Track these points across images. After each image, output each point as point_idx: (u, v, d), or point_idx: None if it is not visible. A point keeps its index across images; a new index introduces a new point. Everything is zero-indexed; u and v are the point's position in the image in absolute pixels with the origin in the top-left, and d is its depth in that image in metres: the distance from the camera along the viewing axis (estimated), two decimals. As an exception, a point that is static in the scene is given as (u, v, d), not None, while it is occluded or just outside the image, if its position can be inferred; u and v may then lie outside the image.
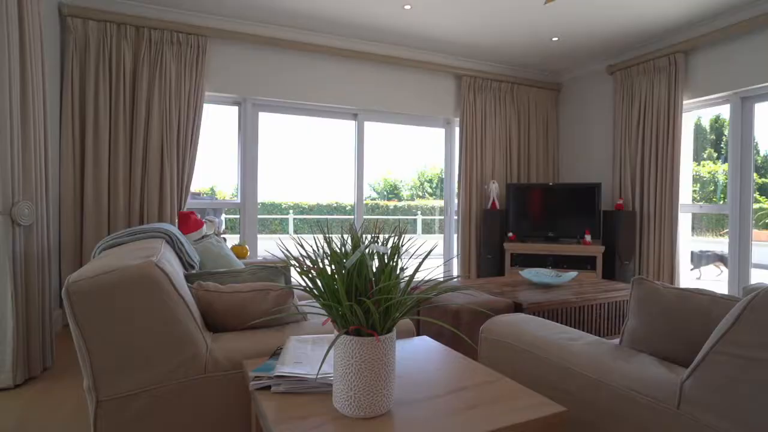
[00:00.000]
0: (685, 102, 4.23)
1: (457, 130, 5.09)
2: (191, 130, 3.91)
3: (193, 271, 2.01)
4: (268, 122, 4.61)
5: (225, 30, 4.02)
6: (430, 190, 12.44)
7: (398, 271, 1.01)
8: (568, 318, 2.74)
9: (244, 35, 4.08)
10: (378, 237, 1.06)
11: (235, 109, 4.39)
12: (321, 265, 0.97)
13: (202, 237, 3.72)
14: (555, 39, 4.45)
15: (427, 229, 10.67)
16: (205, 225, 3.67)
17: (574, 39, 4.43)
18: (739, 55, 3.82)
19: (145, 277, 1.23)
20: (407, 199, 12.30)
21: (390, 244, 1.07)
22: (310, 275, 0.96)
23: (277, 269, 1.77)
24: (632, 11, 3.81)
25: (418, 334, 2.78)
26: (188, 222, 3.52)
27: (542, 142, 5.44)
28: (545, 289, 2.94)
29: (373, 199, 12.24)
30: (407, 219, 10.86)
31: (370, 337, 0.95)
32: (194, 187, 4.19)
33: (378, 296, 0.93)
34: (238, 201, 4.42)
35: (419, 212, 10.84)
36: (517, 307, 2.59)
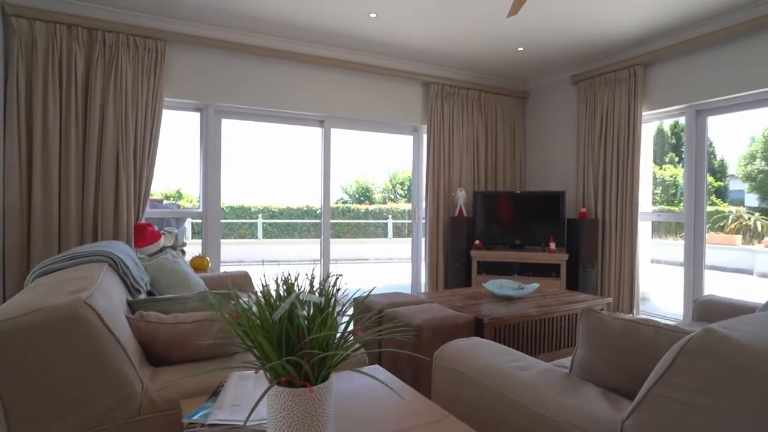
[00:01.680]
0: (644, 113, 4.34)
1: (425, 137, 5.08)
2: (149, 137, 3.76)
3: (140, 297, 1.92)
4: (233, 128, 4.50)
5: (185, 34, 3.89)
6: (402, 193, 12.45)
7: (333, 318, 0.97)
8: (530, 331, 2.76)
9: (206, 40, 3.96)
10: (313, 280, 1.01)
11: (197, 115, 4.26)
12: (251, 315, 0.92)
13: (161, 249, 3.59)
14: (520, 49, 4.50)
15: (398, 232, 10.68)
16: (163, 237, 3.55)
17: (538, 49, 4.49)
18: (693, 69, 3.94)
19: (71, 318, 1.15)
20: (379, 202, 12.27)
21: (333, 282, 1.03)
22: (238, 327, 0.91)
23: (227, 295, 1.70)
24: (594, 24, 3.88)
25: (379, 345, 2.75)
26: (145, 234, 3.39)
27: (509, 149, 5.50)
28: (508, 302, 2.96)
29: (345, 202, 12.15)
30: (378, 222, 10.83)
31: (303, 388, 0.90)
32: (160, 191, 4.07)
33: (309, 349, 0.89)
34: (200, 210, 4.28)
35: (390, 216, 10.84)
36: (478, 322, 2.59)
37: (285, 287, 0.99)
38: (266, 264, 8.88)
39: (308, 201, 10.32)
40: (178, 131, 4.33)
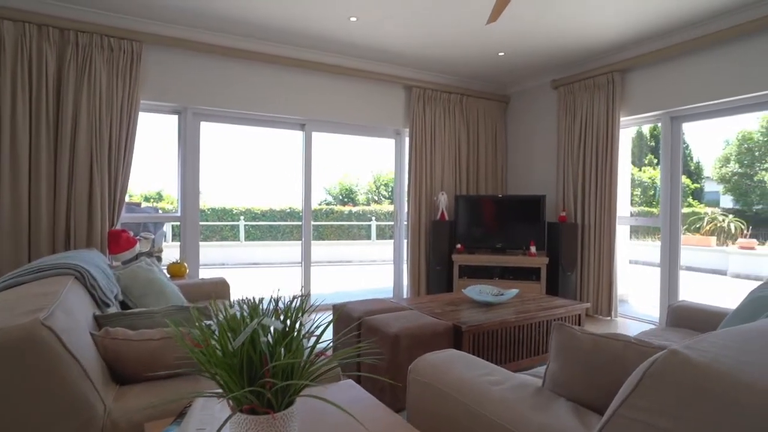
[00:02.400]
0: (622, 118, 4.41)
1: (407, 140, 5.08)
2: (125, 140, 3.68)
3: (108, 311, 1.87)
4: (215, 129, 4.43)
5: (162, 36, 3.81)
6: (386, 194, 12.44)
7: (299, 341, 0.95)
8: (508, 337, 2.78)
9: (184, 42, 3.89)
10: (278, 302, 0.99)
11: (175, 118, 4.18)
12: (212, 341, 0.90)
13: (137, 256, 3.52)
14: (501, 54, 4.52)
15: (382, 234, 10.66)
16: (138, 243, 3.47)
17: (519, 54, 4.52)
18: (669, 77, 4.01)
19: (28, 341, 1.10)
20: (363, 204, 12.22)
21: (297, 304, 1.01)
22: (200, 356, 0.88)
23: (197, 310, 1.66)
24: (573, 31, 3.92)
25: (357, 355, 2.73)
26: (119, 241, 3.32)
27: (491, 153, 5.53)
28: (487, 308, 2.97)
29: (329, 203, 12.07)
30: (362, 225, 10.79)
31: (266, 416, 0.88)
32: (139, 193, 3.98)
33: (273, 374, 0.87)
34: (178, 214, 4.20)
35: (374, 218, 10.81)
36: (457, 330, 2.59)
37: (249, 310, 0.96)
38: (248, 267, 8.78)
39: (291, 203, 10.23)
40: (158, 132, 4.26)
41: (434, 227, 4.88)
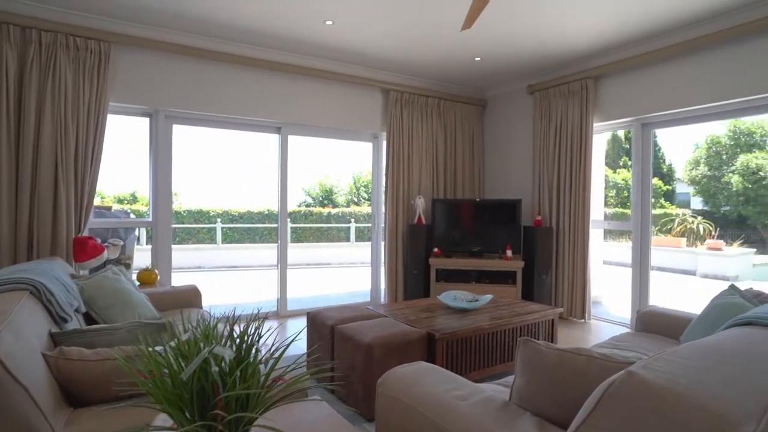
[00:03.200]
0: (595, 124, 4.48)
1: (384, 144, 5.06)
2: (92, 143, 3.56)
3: (68, 326, 1.79)
4: (187, 132, 4.34)
5: (132, 36, 3.71)
6: (366, 196, 12.39)
7: (255, 366, 0.92)
8: (482, 344, 2.79)
9: (155, 43, 3.79)
10: (234, 326, 0.96)
11: (146, 120, 4.07)
12: (163, 371, 0.86)
13: (104, 263, 3.41)
14: (478, 59, 4.55)
15: (361, 236, 10.62)
16: (106, 250, 3.37)
17: (495, 60, 4.55)
18: (640, 84, 4.10)
19: (-33, 367, 1.04)
20: (342, 206, 12.15)
21: (252, 330, 0.98)
22: (151, 388, 0.85)
23: (160, 325, 1.61)
24: (548, 38, 3.97)
25: (332, 356, 2.70)
26: (86, 248, 3.21)
27: (468, 157, 5.56)
28: (461, 315, 2.98)
29: (308, 205, 11.96)
30: (341, 227, 10.72)
31: (218, 447, 0.85)
32: (113, 194, 3.86)
33: (225, 407, 0.84)
34: (150, 218, 4.10)
35: (353, 220, 10.75)
36: (431, 338, 2.58)
37: (203, 335, 0.93)
38: (225, 270, 8.64)
39: (269, 205, 10.11)
40: (132, 132, 4.15)
41: (411, 231, 4.88)
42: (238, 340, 0.95)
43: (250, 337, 0.96)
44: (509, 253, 4.68)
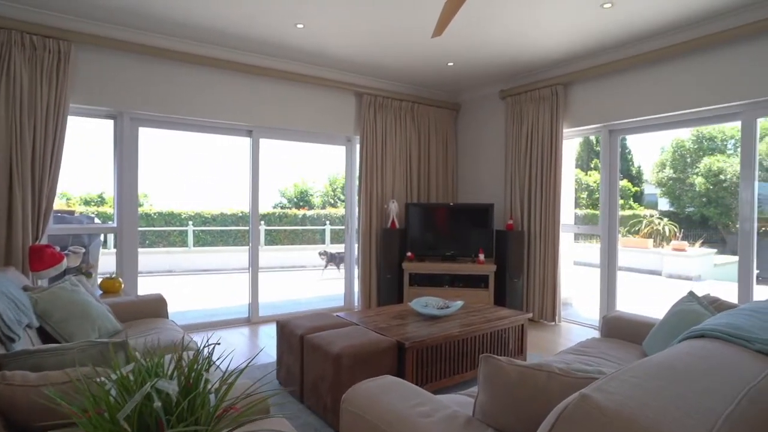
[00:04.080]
0: (565, 130, 4.56)
1: (357, 147, 5.04)
2: (51, 147, 3.41)
3: (15, 346, 1.71)
4: (158, 133, 4.22)
5: (95, 35, 3.57)
6: (342, 197, 12.34)
7: (204, 396, 0.88)
8: (452, 351, 2.79)
9: (118, 42, 3.66)
10: (182, 358, 0.92)
11: (110, 123, 3.94)
12: (103, 405, 0.82)
13: (64, 272, 3.28)
14: (450, 64, 4.57)
15: (337, 238, 10.55)
16: (65, 258, 3.24)
17: (468, 65, 4.58)
18: (607, 92, 4.19)
19: None
20: (318, 207, 12.05)
21: (204, 359, 0.94)
22: (87, 424, 0.80)
23: (115, 344, 1.55)
24: (519, 44, 4.01)
25: (302, 366, 2.66)
26: (43, 257, 3.08)
27: (442, 161, 5.59)
28: (432, 322, 2.98)
29: (284, 206, 11.80)
30: (317, 229, 10.63)
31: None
32: (79, 195, 3.70)
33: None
34: (114, 224, 3.96)
35: (328, 222, 10.66)
36: (401, 346, 2.58)
37: (148, 366, 0.89)
38: (197, 274, 8.44)
39: (244, 207, 9.94)
40: (100, 133, 4.01)
41: (385, 235, 4.87)
42: (186, 369, 0.91)
43: (200, 365, 0.93)
44: (482, 257, 4.72)
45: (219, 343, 0.89)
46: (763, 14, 3.16)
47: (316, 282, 7.66)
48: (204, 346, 0.96)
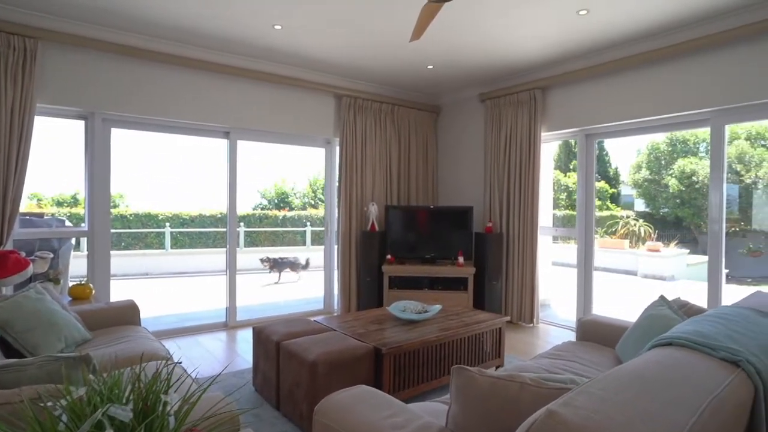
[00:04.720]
0: (543, 134, 4.61)
1: (337, 150, 5.00)
2: (17, 149, 3.29)
3: (-30, 359, 1.63)
4: (131, 135, 4.11)
5: (64, 33, 3.46)
6: (322, 198, 12.27)
7: (164, 419, 0.85)
8: (430, 356, 2.79)
9: (88, 41, 3.55)
10: (139, 381, 0.88)
11: (81, 123, 3.82)
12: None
13: (30, 279, 3.16)
14: (430, 67, 4.57)
15: (318, 239, 10.48)
16: (32, 264, 3.12)
17: (447, 68, 4.60)
18: (584, 97, 4.26)
19: None
20: (299, 208, 11.95)
21: (161, 382, 0.91)
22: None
23: (76, 359, 1.49)
24: (498, 48, 4.04)
25: (278, 373, 2.62)
26: (6, 264, 2.96)
27: (422, 163, 5.59)
28: (410, 326, 2.97)
29: (264, 207, 11.66)
30: (297, 230, 10.54)
31: None
32: (51, 196, 3.57)
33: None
34: (85, 228, 3.85)
35: (309, 223, 10.59)
36: (378, 352, 2.56)
37: (102, 390, 0.85)
38: (174, 276, 8.27)
39: (223, 208, 9.79)
40: (72, 133, 3.89)
41: (364, 238, 4.84)
42: (144, 391, 0.88)
43: (159, 387, 0.89)
44: (461, 259, 4.74)
45: (180, 362, 0.86)
46: (730, 24, 3.25)
47: (260, 288, 7.56)
48: (163, 366, 0.93)
